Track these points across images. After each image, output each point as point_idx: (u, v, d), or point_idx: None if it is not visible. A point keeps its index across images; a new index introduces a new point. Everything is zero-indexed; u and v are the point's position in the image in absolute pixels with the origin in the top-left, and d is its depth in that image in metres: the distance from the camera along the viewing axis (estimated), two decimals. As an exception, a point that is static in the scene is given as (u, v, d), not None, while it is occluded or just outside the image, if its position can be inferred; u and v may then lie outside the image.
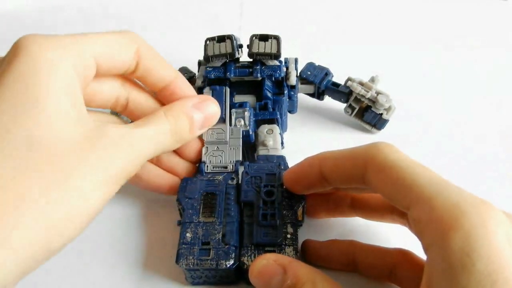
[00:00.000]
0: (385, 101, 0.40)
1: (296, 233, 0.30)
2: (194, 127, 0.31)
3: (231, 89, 0.39)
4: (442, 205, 0.21)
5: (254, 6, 0.63)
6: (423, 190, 0.22)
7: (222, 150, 0.35)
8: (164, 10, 0.64)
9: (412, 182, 0.23)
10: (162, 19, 0.62)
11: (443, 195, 0.22)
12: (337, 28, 0.59)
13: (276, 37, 0.38)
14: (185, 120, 0.30)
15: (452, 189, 0.22)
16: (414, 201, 0.23)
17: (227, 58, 0.38)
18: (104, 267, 0.32)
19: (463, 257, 0.19)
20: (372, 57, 0.52)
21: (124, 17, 0.63)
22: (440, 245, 0.20)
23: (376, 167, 0.25)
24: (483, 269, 0.19)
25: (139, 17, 0.63)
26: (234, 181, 0.33)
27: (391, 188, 0.24)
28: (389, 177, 0.24)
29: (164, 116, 0.29)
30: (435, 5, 0.62)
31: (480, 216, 0.20)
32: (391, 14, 0.61)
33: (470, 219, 0.20)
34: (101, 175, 0.24)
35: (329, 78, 0.43)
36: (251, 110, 0.37)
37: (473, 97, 0.47)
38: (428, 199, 0.22)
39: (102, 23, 0.62)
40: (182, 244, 0.29)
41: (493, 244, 0.19)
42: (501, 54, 0.53)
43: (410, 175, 0.23)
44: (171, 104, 0.31)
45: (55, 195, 0.22)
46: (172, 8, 0.64)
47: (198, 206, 0.31)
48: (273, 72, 0.38)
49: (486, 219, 0.20)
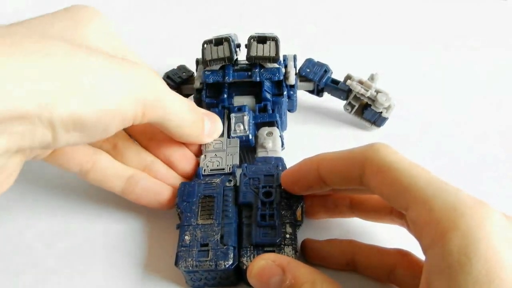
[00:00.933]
0: (385, 99, 0.40)
1: (295, 233, 0.30)
2: (203, 131, 0.34)
3: (229, 90, 0.39)
4: (440, 207, 0.21)
5: (253, 5, 0.63)
6: (421, 192, 0.22)
7: (220, 157, 0.35)
8: (162, 7, 0.64)
9: (410, 183, 0.23)
10: (161, 17, 0.62)
11: (441, 197, 0.22)
12: (337, 27, 0.59)
13: (274, 38, 0.38)
14: (201, 121, 0.33)
15: (450, 190, 0.22)
16: (412, 202, 0.23)
17: (225, 62, 0.38)
18: (104, 270, 0.32)
19: (461, 257, 0.20)
20: (371, 57, 0.52)
21: (123, 15, 0.63)
22: (438, 246, 0.21)
23: (373, 168, 0.25)
24: (480, 269, 0.19)
25: (138, 15, 0.63)
26: (231, 183, 0.33)
27: (389, 189, 0.24)
28: (387, 179, 0.24)
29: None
30: (435, 5, 0.62)
31: (477, 217, 0.20)
32: (391, 14, 0.61)
33: (467, 220, 0.20)
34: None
35: (328, 75, 0.42)
36: (250, 114, 0.37)
37: (473, 97, 0.47)
38: (426, 200, 0.22)
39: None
40: (181, 247, 0.29)
41: (490, 244, 0.20)
42: (501, 54, 0.53)
43: (407, 177, 0.23)
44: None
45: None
46: (170, 5, 0.64)
47: (196, 209, 0.31)
48: (272, 75, 0.38)
49: (483, 220, 0.20)
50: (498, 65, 0.51)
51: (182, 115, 0.31)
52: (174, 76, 0.43)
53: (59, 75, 0.22)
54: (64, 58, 0.23)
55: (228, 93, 0.39)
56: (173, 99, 0.30)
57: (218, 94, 0.39)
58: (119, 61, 0.26)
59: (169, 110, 0.29)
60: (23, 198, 0.37)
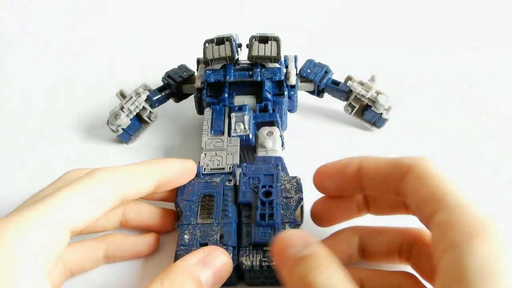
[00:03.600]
0: (385, 101, 0.41)
1: (294, 233, 0.30)
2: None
3: (230, 90, 0.39)
4: (475, 213, 0.22)
5: (255, 5, 0.63)
6: (458, 199, 0.23)
7: (220, 156, 0.35)
8: (164, 7, 0.64)
9: (449, 190, 0.24)
10: (162, 16, 0.62)
11: (475, 206, 0.23)
12: (338, 28, 0.59)
13: (276, 38, 0.38)
14: (191, 284, 0.25)
15: (482, 206, 0.23)
16: (446, 205, 0.23)
17: (226, 61, 0.38)
18: (103, 269, 0.32)
19: (490, 262, 0.20)
20: (372, 58, 0.52)
21: (123, 16, 0.63)
22: (466, 245, 0.21)
23: (418, 172, 0.25)
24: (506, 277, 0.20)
25: (139, 15, 0.63)
26: (231, 183, 0.33)
27: (424, 193, 0.25)
28: (427, 184, 0.25)
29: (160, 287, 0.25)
30: (435, 5, 0.62)
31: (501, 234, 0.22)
32: (392, 15, 0.61)
33: (498, 232, 0.22)
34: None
35: (329, 76, 0.43)
36: (250, 113, 0.37)
37: (473, 97, 0.47)
38: (462, 206, 0.23)
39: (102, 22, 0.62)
40: (180, 246, 0.29)
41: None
42: (501, 54, 0.53)
43: (448, 185, 0.24)
44: (171, 267, 0.26)
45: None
46: (172, 4, 0.64)
47: (195, 208, 0.31)
48: (273, 75, 0.38)
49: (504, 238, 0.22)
50: (498, 65, 0.51)
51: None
52: (174, 76, 0.43)
53: None
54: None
55: (229, 92, 0.39)
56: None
57: (219, 94, 0.39)
58: None
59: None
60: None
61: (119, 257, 0.32)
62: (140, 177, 0.29)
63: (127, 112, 0.41)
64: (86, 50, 0.57)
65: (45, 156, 0.42)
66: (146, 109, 0.42)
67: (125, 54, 0.56)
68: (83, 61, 0.56)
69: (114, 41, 0.58)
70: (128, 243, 0.32)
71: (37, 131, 0.46)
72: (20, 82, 0.53)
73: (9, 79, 0.54)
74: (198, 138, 0.37)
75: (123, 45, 0.57)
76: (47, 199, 0.25)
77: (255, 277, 0.29)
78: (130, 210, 0.33)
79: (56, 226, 0.25)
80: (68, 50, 0.58)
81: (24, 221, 0.24)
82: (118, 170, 0.29)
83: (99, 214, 0.27)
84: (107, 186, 0.28)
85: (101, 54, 0.56)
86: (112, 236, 0.32)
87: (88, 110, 0.47)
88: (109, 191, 0.28)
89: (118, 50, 0.57)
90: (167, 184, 0.31)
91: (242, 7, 0.63)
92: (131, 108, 0.41)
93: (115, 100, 0.43)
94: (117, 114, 0.41)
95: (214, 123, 0.37)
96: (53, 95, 0.50)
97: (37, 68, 0.55)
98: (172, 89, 0.43)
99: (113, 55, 0.56)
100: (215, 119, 0.38)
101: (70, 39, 0.60)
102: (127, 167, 0.29)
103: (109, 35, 0.60)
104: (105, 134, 0.43)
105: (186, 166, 0.32)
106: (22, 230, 0.24)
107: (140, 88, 0.42)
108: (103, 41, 0.59)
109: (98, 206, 0.27)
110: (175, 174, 0.31)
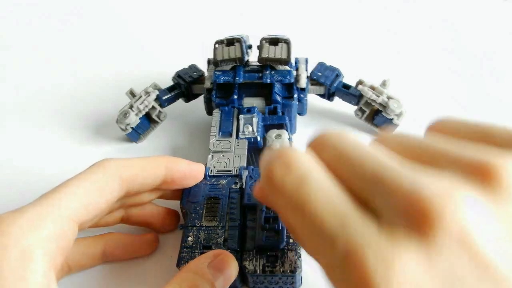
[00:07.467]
0: (396, 106, 0.40)
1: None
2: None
3: (240, 91, 0.39)
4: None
5: (268, 7, 0.63)
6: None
7: (227, 158, 0.35)
8: (176, 6, 0.64)
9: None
10: (173, 16, 0.62)
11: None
12: (351, 32, 0.58)
13: (286, 40, 0.37)
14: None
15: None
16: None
17: (236, 62, 0.38)
18: (105, 270, 0.32)
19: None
20: (384, 62, 0.52)
21: (129, 16, 0.63)
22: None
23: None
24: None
25: (144, 16, 0.63)
26: (237, 185, 0.33)
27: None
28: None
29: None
30: (435, 5, 0.61)
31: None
32: (405, 20, 0.60)
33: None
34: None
35: (340, 80, 0.42)
36: (259, 115, 0.37)
37: (479, 99, 0.46)
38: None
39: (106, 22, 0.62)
40: (183, 248, 0.29)
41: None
42: (501, 53, 0.52)
43: None
44: (185, 270, 0.26)
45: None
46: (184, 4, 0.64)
47: (201, 210, 0.31)
48: (282, 77, 0.38)
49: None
50: (498, 65, 0.51)
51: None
52: (185, 76, 0.43)
53: None
54: None
55: (238, 94, 0.39)
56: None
57: (228, 95, 0.39)
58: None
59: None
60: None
61: (117, 256, 0.32)
62: (147, 170, 0.30)
63: (136, 111, 0.41)
64: (98, 48, 0.58)
65: (54, 154, 0.43)
66: (156, 108, 0.42)
67: (136, 53, 0.56)
68: (94, 59, 0.56)
69: (127, 40, 0.59)
70: (126, 241, 0.32)
71: (47, 129, 0.46)
72: (29, 81, 0.53)
73: (18, 77, 0.54)
74: (206, 139, 0.37)
75: (135, 44, 0.58)
76: (57, 192, 0.26)
77: (258, 281, 0.29)
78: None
79: (65, 220, 0.25)
80: (80, 48, 0.58)
81: (32, 215, 0.24)
82: (126, 161, 0.29)
83: (106, 205, 0.28)
84: (113, 175, 0.28)
85: (113, 53, 0.57)
86: (111, 234, 0.32)
87: (98, 108, 0.47)
88: (115, 181, 0.28)
89: (130, 49, 0.57)
90: (172, 182, 0.31)
91: (256, 10, 0.63)
92: (141, 107, 0.41)
93: (125, 99, 0.43)
94: (126, 113, 0.41)
95: (222, 125, 0.37)
96: (63, 93, 0.51)
97: (47, 67, 0.55)
98: (182, 89, 0.43)
99: (125, 54, 0.56)
100: (224, 120, 0.37)
101: (82, 38, 0.60)
102: (135, 159, 0.30)
103: (122, 34, 0.60)
104: (114, 133, 0.44)
105: (192, 168, 0.32)
106: (31, 223, 0.24)
107: (150, 87, 0.42)
108: (115, 40, 0.59)
109: (103, 196, 0.27)
110: (181, 173, 0.31)
